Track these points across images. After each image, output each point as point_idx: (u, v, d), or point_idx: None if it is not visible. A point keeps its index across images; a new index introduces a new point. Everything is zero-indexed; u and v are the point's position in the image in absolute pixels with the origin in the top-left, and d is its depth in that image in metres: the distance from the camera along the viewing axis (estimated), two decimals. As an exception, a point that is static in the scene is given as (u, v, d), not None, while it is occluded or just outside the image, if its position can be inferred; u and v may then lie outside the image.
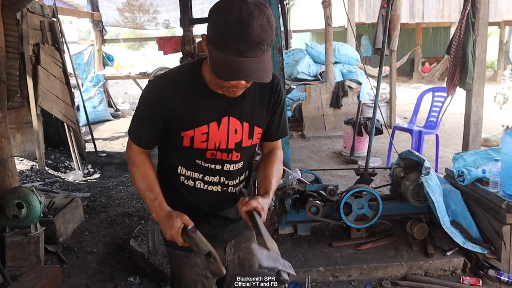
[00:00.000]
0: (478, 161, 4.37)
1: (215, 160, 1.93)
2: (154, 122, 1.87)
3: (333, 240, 4.32)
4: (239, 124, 1.90)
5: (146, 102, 1.88)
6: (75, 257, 4.54)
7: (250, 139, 1.95)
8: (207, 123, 1.85)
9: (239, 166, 2.01)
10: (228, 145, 1.91)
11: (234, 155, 1.94)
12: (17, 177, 4.60)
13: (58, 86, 7.21)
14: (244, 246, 2.23)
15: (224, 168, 1.96)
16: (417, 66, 19.51)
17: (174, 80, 1.86)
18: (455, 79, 5.06)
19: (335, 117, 9.68)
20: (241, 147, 1.94)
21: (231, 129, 1.89)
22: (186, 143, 1.88)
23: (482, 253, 3.92)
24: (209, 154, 1.91)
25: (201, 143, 1.87)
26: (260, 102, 1.94)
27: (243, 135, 1.92)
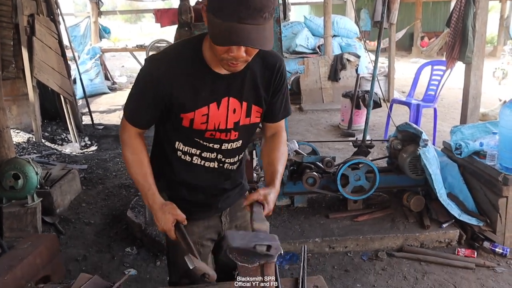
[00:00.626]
0: (476, 134, 4.36)
1: (213, 139, 1.91)
2: (154, 102, 1.82)
3: (330, 211, 4.33)
4: (238, 104, 1.86)
5: (146, 80, 1.82)
6: (72, 228, 4.55)
7: (247, 118, 1.91)
8: (207, 105, 1.81)
9: (238, 145, 1.98)
10: (227, 125, 1.88)
11: (232, 134, 1.91)
12: (13, 148, 4.58)
13: (54, 58, 7.13)
14: (239, 214, 2.23)
15: (222, 147, 1.94)
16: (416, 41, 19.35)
17: (176, 59, 1.80)
18: (454, 52, 5.02)
19: (333, 91, 9.63)
20: (239, 126, 1.91)
21: (230, 109, 1.85)
22: (185, 124, 1.84)
23: (478, 226, 3.94)
24: (208, 134, 1.88)
25: (201, 124, 1.84)
26: (261, 82, 1.89)
27: (241, 114, 1.89)
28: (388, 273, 3.62)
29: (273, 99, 1.97)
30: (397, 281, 3.52)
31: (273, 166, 1.96)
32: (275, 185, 1.90)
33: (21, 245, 2.34)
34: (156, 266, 3.81)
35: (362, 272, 3.65)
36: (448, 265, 3.67)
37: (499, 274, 3.56)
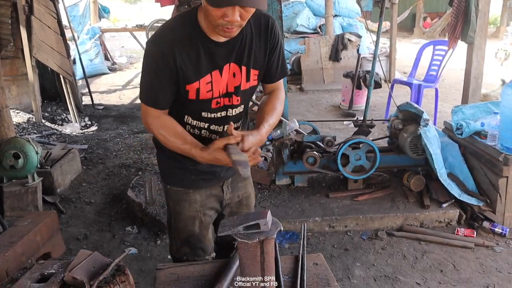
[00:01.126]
0: (477, 114, 4.35)
1: (219, 108, 1.94)
2: (168, 78, 1.83)
3: (330, 191, 4.34)
4: (237, 69, 1.90)
5: (155, 60, 1.82)
6: (73, 208, 4.56)
7: (247, 82, 1.95)
8: (209, 72, 1.85)
9: (240, 110, 2.03)
10: (227, 89, 1.92)
11: (234, 99, 1.95)
12: (13, 128, 4.57)
13: (53, 37, 7.08)
14: (241, 185, 2.28)
15: (228, 113, 1.97)
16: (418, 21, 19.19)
17: (175, 33, 1.82)
18: (456, 31, 4.97)
19: (334, 71, 9.58)
20: (240, 90, 1.94)
21: (230, 74, 1.89)
22: (191, 96, 1.87)
23: (478, 205, 3.95)
24: (214, 103, 1.92)
25: (207, 93, 1.87)
26: (257, 44, 1.92)
27: (241, 78, 1.92)
28: (388, 252, 3.63)
29: (270, 59, 2.00)
30: (397, 260, 3.53)
31: (262, 116, 2.00)
32: (260, 130, 1.93)
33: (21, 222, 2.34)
34: (157, 245, 3.82)
35: (362, 251, 3.66)
36: (448, 245, 3.68)
37: (498, 253, 3.57)
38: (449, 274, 3.34)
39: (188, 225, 2.17)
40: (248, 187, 2.35)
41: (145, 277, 3.39)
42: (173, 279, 1.89)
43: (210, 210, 2.19)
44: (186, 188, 2.12)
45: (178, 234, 2.22)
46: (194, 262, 2.15)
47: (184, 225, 2.18)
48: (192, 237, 2.19)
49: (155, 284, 1.87)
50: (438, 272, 3.37)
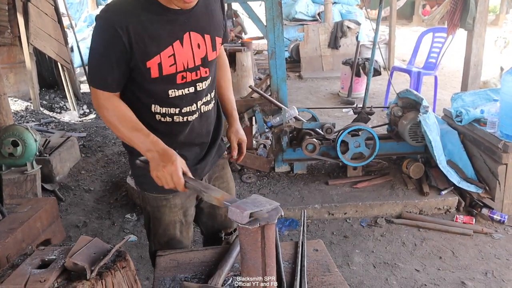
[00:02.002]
0: (477, 102, 4.34)
1: (186, 83, 1.81)
2: (118, 58, 1.67)
3: (329, 178, 4.35)
4: (200, 38, 1.79)
5: (105, 37, 1.66)
6: (72, 195, 4.56)
7: (214, 51, 1.86)
8: (170, 44, 1.71)
9: (209, 83, 1.91)
10: (195, 62, 1.79)
11: (202, 71, 1.83)
12: (11, 115, 4.56)
13: (50, 25, 7.03)
14: (218, 175, 2.20)
15: (197, 88, 1.85)
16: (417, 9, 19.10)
17: (127, 5, 1.67)
18: (455, 18, 4.95)
19: (333, 58, 9.55)
20: (208, 61, 1.84)
21: (193, 44, 1.77)
22: (154, 74, 1.72)
23: (477, 193, 3.96)
24: (179, 78, 1.78)
25: (170, 67, 1.73)
26: (216, 9, 1.87)
27: (206, 48, 1.82)
28: (387, 239, 3.64)
29: None
30: (396, 247, 3.55)
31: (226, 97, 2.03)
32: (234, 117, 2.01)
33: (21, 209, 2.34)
34: (156, 232, 3.82)
35: (361, 238, 3.67)
36: (447, 232, 3.70)
37: (497, 240, 3.58)
38: (448, 261, 3.35)
39: (169, 229, 2.09)
40: (227, 177, 2.26)
41: (144, 264, 3.39)
42: (173, 265, 1.89)
43: (191, 209, 2.13)
44: (166, 193, 1.98)
45: (158, 238, 2.12)
46: (194, 249, 2.16)
47: (164, 229, 2.09)
48: (173, 240, 2.11)
49: (156, 270, 1.87)
50: (437, 259, 3.38)
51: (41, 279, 1.42)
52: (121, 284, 1.54)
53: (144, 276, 3.19)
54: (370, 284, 3.12)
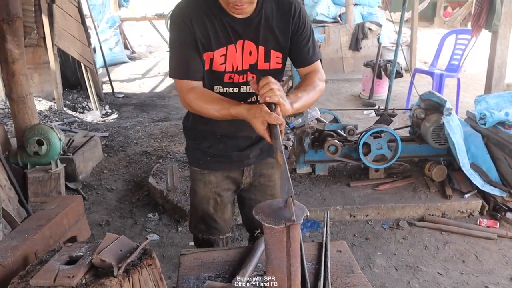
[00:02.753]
0: (501, 104, 4.28)
1: (232, 83, 1.93)
2: (194, 46, 1.83)
3: (351, 180, 4.33)
4: (254, 47, 1.89)
5: (179, 32, 1.84)
6: (95, 194, 4.62)
7: (266, 63, 1.92)
8: (225, 46, 1.85)
9: None
10: (243, 66, 1.90)
11: (249, 76, 1.92)
12: (36, 114, 4.61)
13: (74, 26, 7.12)
14: (266, 173, 2.26)
15: (241, 90, 1.95)
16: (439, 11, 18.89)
17: (193, 5, 1.84)
18: (481, 20, 4.90)
19: (354, 60, 9.50)
20: (257, 69, 1.92)
21: (245, 51, 1.88)
22: (206, 66, 1.88)
23: (501, 196, 3.92)
24: (227, 77, 1.91)
25: (220, 65, 1.87)
26: (278, 26, 1.90)
27: (258, 57, 1.90)
28: (409, 242, 3.62)
29: (297, 43, 1.95)
30: (418, 250, 3.52)
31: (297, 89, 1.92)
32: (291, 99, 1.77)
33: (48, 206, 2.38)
34: (178, 232, 3.85)
35: (383, 241, 3.65)
36: (470, 235, 3.66)
37: (522, 245, 3.54)
38: (471, 265, 3.31)
39: (203, 203, 2.21)
40: (275, 177, 2.28)
41: (166, 263, 3.42)
42: (197, 264, 1.91)
43: (227, 191, 2.21)
44: (202, 169, 2.15)
45: (195, 210, 2.26)
46: (218, 248, 2.18)
47: (199, 203, 2.22)
48: (207, 216, 2.23)
49: (180, 269, 1.88)
50: (460, 263, 3.35)
51: (69, 275, 1.44)
52: (147, 281, 1.55)
53: (166, 275, 3.21)
54: (392, 287, 3.11)
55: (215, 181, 2.16)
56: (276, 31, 1.90)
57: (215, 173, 2.15)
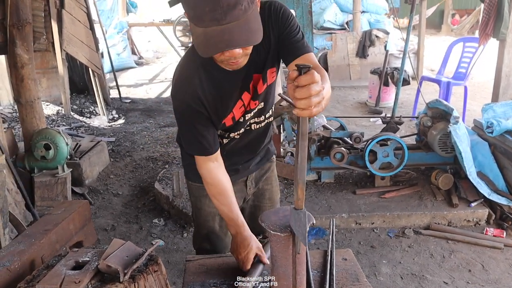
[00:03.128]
0: (509, 113, 4.27)
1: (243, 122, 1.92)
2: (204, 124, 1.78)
3: (357, 187, 4.32)
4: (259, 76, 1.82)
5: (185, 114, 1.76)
6: (101, 199, 4.63)
7: (264, 84, 1.86)
8: (239, 98, 1.81)
9: (260, 107, 1.94)
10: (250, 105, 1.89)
11: (252, 104, 1.88)
12: (44, 119, 4.65)
13: (83, 31, 7.18)
14: (264, 178, 2.28)
15: (246, 117, 1.91)
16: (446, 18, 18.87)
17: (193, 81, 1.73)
18: (488, 28, 4.88)
19: (361, 67, 9.51)
20: (258, 94, 1.86)
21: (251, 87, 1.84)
22: (228, 124, 1.86)
23: (508, 205, 3.89)
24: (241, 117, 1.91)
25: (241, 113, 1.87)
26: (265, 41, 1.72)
27: (257, 85, 1.84)
28: (415, 251, 3.60)
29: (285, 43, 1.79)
30: (424, 258, 3.50)
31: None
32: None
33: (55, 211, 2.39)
34: (183, 238, 3.86)
35: (389, 249, 3.64)
36: (476, 244, 3.64)
37: (528, 254, 3.51)
38: (477, 274, 3.29)
39: (209, 220, 2.18)
40: (272, 181, 2.34)
41: (171, 269, 3.43)
42: (202, 270, 1.91)
43: None
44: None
45: (199, 229, 2.24)
46: (223, 255, 2.17)
47: (204, 220, 2.19)
48: (212, 234, 2.20)
49: (185, 275, 1.89)
50: (466, 272, 3.33)
51: (75, 280, 1.45)
52: (153, 287, 1.56)
53: (171, 281, 3.21)
54: (398, 296, 3.10)
55: None
56: (268, 48, 1.79)
57: None
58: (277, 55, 1.83)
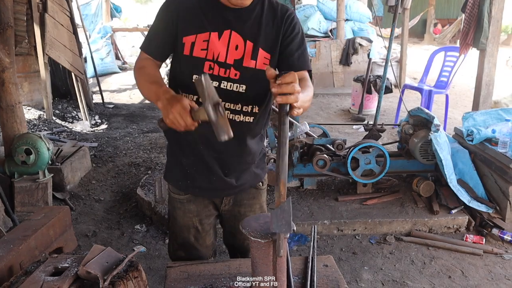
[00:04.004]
0: (488, 121, 4.34)
1: (211, 75, 1.80)
2: (165, 27, 1.85)
3: (339, 194, 4.34)
4: (241, 41, 1.83)
5: (160, 12, 1.89)
6: (82, 205, 4.59)
7: (253, 60, 1.84)
8: (209, 31, 1.81)
9: (239, 90, 1.86)
10: (226, 59, 1.82)
11: (232, 72, 1.83)
12: (25, 123, 4.59)
13: (66, 35, 7.13)
14: (247, 202, 2.16)
15: (221, 85, 1.84)
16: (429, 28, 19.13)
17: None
18: (468, 38, 4.97)
19: (344, 75, 9.59)
20: (242, 66, 1.84)
21: (231, 43, 1.82)
22: (186, 51, 1.82)
23: (487, 212, 3.95)
24: (207, 66, 1.82)
25: (201, 50, 1.81)
26: (269, 25, 1.86)
27: (244, 53, 1.83)
28: (396, 257, 3.63)
29: (287, 47, 1.87)
30: (405, 265, 3.53)
31: None
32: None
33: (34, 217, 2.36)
34: (165, 244, 3.83)
35: (370, 255, 3.66)
36: (456, 251, 3.67)
37: (507, 261, 3.55)
38: (457, 280, 3.33)
39: (184, 232, 2.14)
40: (255, 207, 2.19)
41: (153, 275, 3.40)
42: (183, 277, 1.90)
43: (208, 218, 2.14)
44: (180, 190, 2.06)
45: (175, 237, 2.19)
46: (205, 261, 2.16)
47: (179, 231, 2.15)
48: (187, 244, 2.16)
49: (166, 281, 1.88)
50: (446, 278, 3.36)
51: (54, 286, 1.44)
52: (133, 293, 1.55)
53: (153, 287, 3.19)
54: (379, 302, 3.11)
55: (195, 210, 2.09)
56: (267, 30, 1.85)
57: (195, 200, 2.07)
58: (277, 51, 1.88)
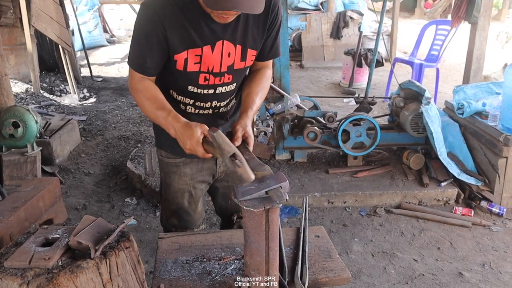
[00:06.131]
0: (479, 94, 4.34)
1: (207, 85, 1.88)
2: (158, 44, 1.75)
3: (330, 167, 4.35)
4: (232, 47, 1.83)
5: (147, 25, 1.74)
6: (72, 178, 4.56)
7: (242, 61, 1.89)
8: (201, 46, 1.77)
9: (231, 88, 1.98)
10: (221, 68, 1.85)
11: (226, 77, 1.89)
12: (12, 96, 4.53)
13: (52, 7, 6.98)
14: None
15: (216, 91, 1.92)
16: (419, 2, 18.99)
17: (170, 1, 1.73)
18: (461, 11, 4.92)
19: (335, 48, 9.52)
20: (233, 69, 1.88)
21: (224, 52, 1.82)
22: (179, 67, 1.80)
23: (476, 185, 3.97)
24: (202, 78, 1.85)
25: (194, 64, 1.81)
26: (256, 24, 1.84)
27: (235, 57, 1.86)
28: (386, 229, 3.66)
29: (267, 40, 1.93)
30: (395, 236, 3.56)
31: (250, 98, 1.91)
32: (248, 115, 1.83)
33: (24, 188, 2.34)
34: (156, 216, 3.83)
35: (360, 227, 3.69)
36: (445, 223, 3.71)
37: (495, 233, 3.60)
38: (446, 252, 3.36)
39: (178, 197, 2.17)
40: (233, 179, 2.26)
41: (144, 247, 3.41)
42: (175, 248, 1.90)
43: (201, 184, 2.18)
44: (178, 156, 2.08)
45: (168, 205, 2.23)
46: (196, 232, 2.17)
47: (173, 197, 2.18)
48: (181, 210, 2.20)
49: (157, 252, 1.88)
50: (435, 249, 3.40)
51: (45, 257, 1.42)
52: (124, 264, 1.55)
53: (144, 259, 3.19)
54: (369, 273, 3.14)
55: (190, 173, 2.12)
56: (254, 29, 1.84)
57: (190, 164, 2.10)
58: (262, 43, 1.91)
